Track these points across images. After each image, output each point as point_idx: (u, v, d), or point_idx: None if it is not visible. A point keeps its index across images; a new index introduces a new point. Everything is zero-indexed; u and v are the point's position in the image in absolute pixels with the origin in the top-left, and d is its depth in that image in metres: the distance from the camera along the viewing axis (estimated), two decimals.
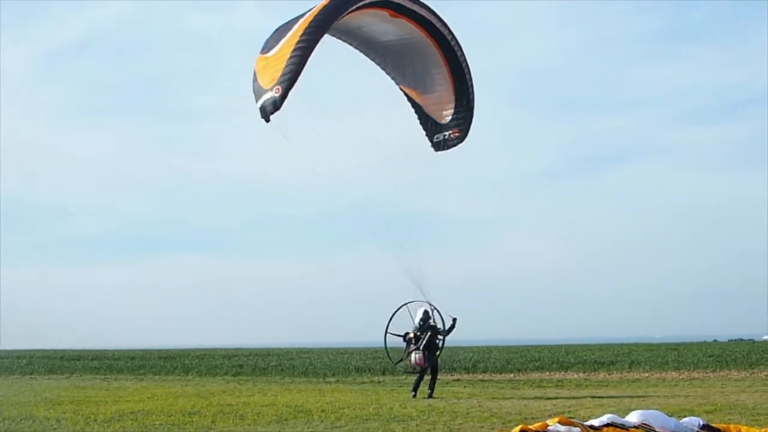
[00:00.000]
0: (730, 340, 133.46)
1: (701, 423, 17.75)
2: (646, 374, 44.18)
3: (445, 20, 25.57)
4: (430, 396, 30.82)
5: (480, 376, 45.69)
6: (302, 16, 22.89)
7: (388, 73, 26.96)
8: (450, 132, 26.69)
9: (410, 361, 31.47)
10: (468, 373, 48.17)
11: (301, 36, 21.89)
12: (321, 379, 45.15)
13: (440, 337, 31.11)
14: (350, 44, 26.11)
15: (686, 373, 44.41)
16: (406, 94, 27.18)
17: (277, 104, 21.41)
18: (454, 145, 26.90)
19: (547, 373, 46.55)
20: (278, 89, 21.40)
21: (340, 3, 22.95)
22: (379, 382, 42.35)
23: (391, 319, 31.04)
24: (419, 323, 30.93)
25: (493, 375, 46.62)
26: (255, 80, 22.31)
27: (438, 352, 31.65)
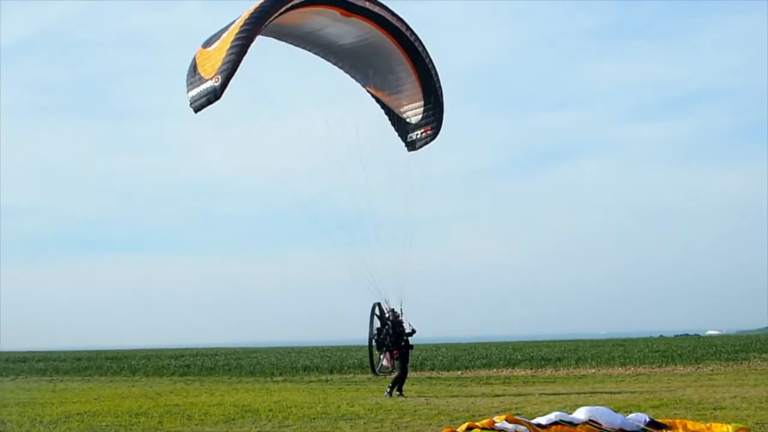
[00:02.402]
0: (676, 336, 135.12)
1: (647, 419, 17.86)
2: (593, 370, 44.46)
3: (401, 16, 25.08)
4: (389, 393, 30.37)
5: (428, 374, 45.77)
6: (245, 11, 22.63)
7: (353, 77, 26.54)
8: (422, 131, 26.38)
9: (384, 364, 30.76)
10: (415, 370, 48.15)
11: (240, 28, 21.66)
12: (268, 379, 44.98)
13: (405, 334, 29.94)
14: (310, 50, 25.74)
15: (633, 368, 44.76)
16: (374, 96, 26.80)
17: (217, 93, 21.03)
18: (427, 143, 26.57)
19: (495, 370, 46.72)
20: (217, 78, 21.05)
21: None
22: (327, 380, 42.27)
23: (371, 324, 29.77)
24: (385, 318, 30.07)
25: (440, 372, 46.73)
26: (193, 70, 21.98)
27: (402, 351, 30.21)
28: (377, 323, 30.02)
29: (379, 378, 34.48)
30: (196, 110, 21.38)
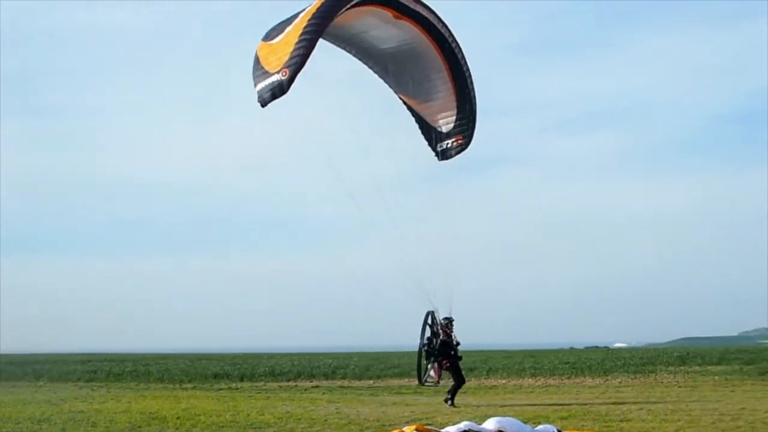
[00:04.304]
0: (586, 348, 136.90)
1: (555, 430, 17.90)
2: (504, 381, 44.67)
3: (446, 21, 24.76)
4: (450, 402, 29.83)
5: (339, 383, 45.59)
6: (308, 5, 22.17)
7: (387, 83, 26.01)
8: (453, 140, 25.82)
9: (431, 375, 29.89)
10: (327, 379, 48.05)
11: (308, 22, 21.31)
12: (177, 386, 44.43)
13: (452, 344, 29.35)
14: (349, 52, 25.29)
15: (542, 379, 45.06)
16: (405, 104, 26.28)
17: (284, 87, 20.69)
18: (459, 153, 26.00)
19: (406, 380, 46.63)
20: (285, 72, 20.71)
21: None
22: (237, 388, 41.88)
23: (423, 333, 28.75)
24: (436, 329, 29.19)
25: (352, 381, 46.59)
26: (257, 65, 21.57)
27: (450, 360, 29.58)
28: (428, 333, 29.02)
29: (424, 388, 33.41)
30: (263, 104, 21.02)
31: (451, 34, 25.01)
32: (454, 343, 29.49)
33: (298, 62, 20.76)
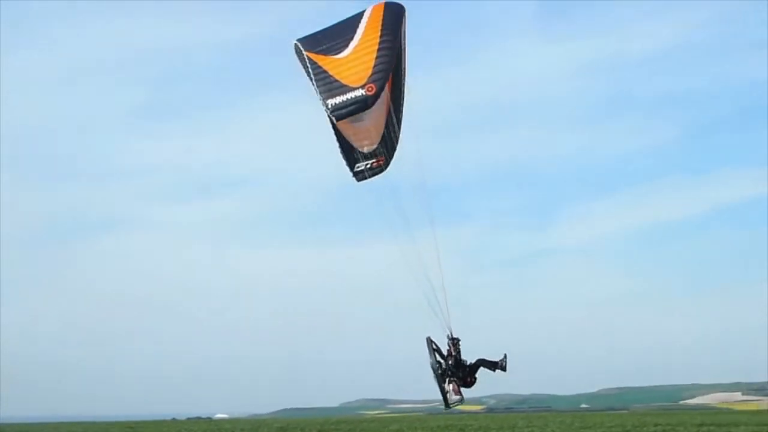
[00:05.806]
0: (188, 419, 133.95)
1: None
2: None
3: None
4: (503, 365, 27.00)
5: None
6: (358, 18, 22.66)
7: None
8: (374, 161, 25.18)
9: (452, 396, 27.14)
10: None
11: (381, 37, 21.88)
12: None
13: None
14: None
15: None
16: (332, 122, 24.52)
17: (368, 103, 21.14)
18: (375, 175, 25.29)
19: None
20: (371, 87, 21.08)
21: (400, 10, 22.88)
22: None
23: (432, 357, 26.38)
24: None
25: None
26: (326, 78, 21.62)
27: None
28: (437, 356, 26.78)
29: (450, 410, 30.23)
30: (338, 119, 21.50)
31: (405, 56, 24.97)
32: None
33: (383, 77, 21.39)
